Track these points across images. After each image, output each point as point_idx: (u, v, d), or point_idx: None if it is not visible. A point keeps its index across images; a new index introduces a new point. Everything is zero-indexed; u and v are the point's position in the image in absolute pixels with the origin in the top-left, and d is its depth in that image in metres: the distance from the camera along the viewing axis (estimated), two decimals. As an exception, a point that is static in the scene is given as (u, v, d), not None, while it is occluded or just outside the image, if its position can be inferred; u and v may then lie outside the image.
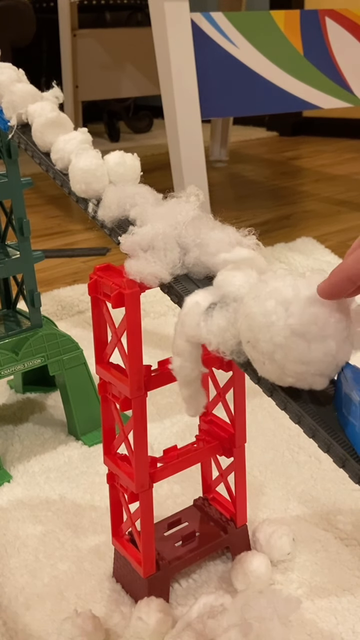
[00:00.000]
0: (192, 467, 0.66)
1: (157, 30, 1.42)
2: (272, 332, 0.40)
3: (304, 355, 0.40)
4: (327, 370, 0.41)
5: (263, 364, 0.42)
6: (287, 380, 0.41)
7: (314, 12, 1.67)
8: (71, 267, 1.62)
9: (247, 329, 0.42)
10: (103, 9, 3.08)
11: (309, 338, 0.40)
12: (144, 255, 0.52)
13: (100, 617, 0.63)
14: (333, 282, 0.40)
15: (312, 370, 0.40)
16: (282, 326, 0.40)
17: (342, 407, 0.40)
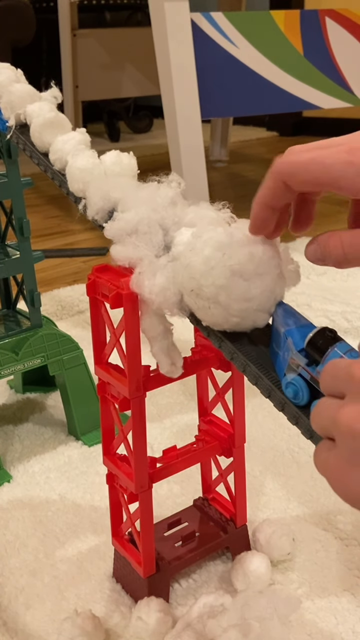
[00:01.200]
0: (191, 467, 0.66)
1: (157, 30, 1.42)
2: (214, 276, 0.43)
3: (246, 293, 0.43)
4: (267, 304, 0.45)
5: (208, 309, 0.44)
6: (233, 321, 0.44)
7: (314, 12, 1.67)
8: (71, 267, 1.62)
9: (189, 279, 0.45)
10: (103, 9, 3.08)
11: (247, 276, 0.44)
12: (130, 240, 0.52)
13: (100, 617, 0.63)
14: (254, 214, 0.43)
15: (254, 306, 0.44)
16: (222, 269, 0.43)
17: (273, 343, 0.44)
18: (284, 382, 0.42)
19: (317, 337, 0.40)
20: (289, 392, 0.41)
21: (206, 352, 0.63)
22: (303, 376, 0.41)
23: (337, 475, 0.32)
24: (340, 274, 1.48)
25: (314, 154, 0.39)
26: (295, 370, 0.41)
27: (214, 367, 0.64)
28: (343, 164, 0.38)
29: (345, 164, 0.38)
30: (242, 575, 0.66)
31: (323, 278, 1.47)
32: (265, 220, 0.43)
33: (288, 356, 0.42)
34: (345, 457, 0.31)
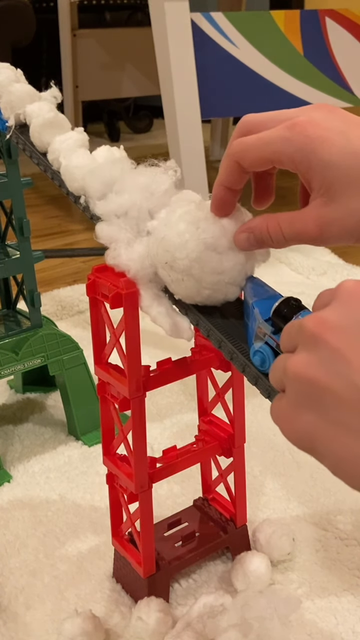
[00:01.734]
0: (191, 467, 0.66)
1: (157, 30, 1.42)
2: (188, 249, 0.45)
3: (218, 266, 0.45)
4: (238, 278, 0.46)
5: (182, 281, 0.46)
6: (205, 293, 0.46)
7: (314, 12, 1.67)
8: (71, 267, 1.62)
9: (163, 252, 0.46)
10: (103, 9, 3.08)
11: (220, 250, 0.45)
12: (117, 222, 0.52)
13: (100, 617, 0.63)
14: (214, 196, 0.45)
15: (225, 279, 0.46)
16: (195, 242, 0.45)
17: (245, 316, 0.46)
18: (251, 351, 0.43)
19: (282, 306, 0.41)
20: (256, 360, 0.43)
21: (206, 352, 0.63)
22: (269, 344, 0.42)
23: (286, 419, 0.33)
24: (340, 274, 1.48)
25: (261, 134, 0.41)
26: (262, 339, 0.42)
27: (213, 367, 0.64)
28: (283, 140, 0.39)
29: (285, 139, 0.39)
30: (242, 575, 0.66)
31: (323, 278, 1.47)
32: (225, 201, 0.45)
33: (255, 326, 0.43)
34: (292, 402, 0.33)
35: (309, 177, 0.40)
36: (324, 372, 0.31)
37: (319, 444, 0.31)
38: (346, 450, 0.30)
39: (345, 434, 0.30)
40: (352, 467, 0.30)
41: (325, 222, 0.40)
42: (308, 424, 0.32)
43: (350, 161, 0.38)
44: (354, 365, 0.30)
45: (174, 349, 1.14)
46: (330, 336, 0.31)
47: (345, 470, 0.31)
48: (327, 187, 0.39)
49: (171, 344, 1.17)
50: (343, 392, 0.30)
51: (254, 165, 0.42)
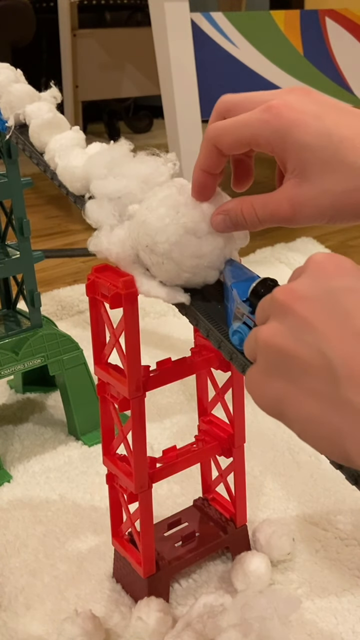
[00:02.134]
0: (191, 467, 0.66)
1: (157, 30, 1.42)
2: (168, 233, 0.46)
3: (197, 250, 0.46)
4: (217, 262, 0.47)
5: (162, 264, 0.47)
6: (184, 276, 0.47)
7: (314, 12, 1.67)
8: (71, 267, 1.62)
9: (144, 235, 0.47)
10: (103, 9, 3.07)
11: (200, 234, 0.46)
12: (108, 206, 0.52)
13: (100, 617, 0.63)
14: (194, 180, 0.46)
15: (205, 263, 0.47)
16: (175, 226, 0.46)
17: (225, 298, 0.46)
18: (230, 331, 0.44)
19: (259, 287, 0.42)
20: (234, 340, 0.44)
21: (206, 352, 0.63)
22: (247, 324, 0.43)
23: (257, 387, 0.34)
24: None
25: (238, 117, 0.42)
26: (240, 319, 0.43)
27: (213, 367, 0.64)
28: (259, 123, 0.40)
29: (261, 122, 0.40)
30: (242, 575, 0.66)
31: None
32: (205, 185, 0.46)
33: (234, 306, 0.44)
34: (263, 369, 0.34)
35: (284, 158, 0.41)
36: (292, 340, 0.32)
37: (288, 409, 0.32)
38: (313, 415, 0.31)
39: (312, 399, 0.31)
40: (318, 431, 0.31)
41: (298, 203, 0.41)
42: (277, 390, 0.33)
43: (324, 142, 0.39)
44: (320, 334, 0.31)
45: (174, 349, 1.14)
46: (299, 306, 0.32)
47: (311, 433, 0.32)
48: (301, 168, 0.40)
49: (171, 344, 1.17)
50: (310, 360, 0.31)
51: (231, 148, 0.43)
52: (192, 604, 0.62)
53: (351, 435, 0.30)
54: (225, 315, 0.47)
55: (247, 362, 0.42)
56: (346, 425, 0.30)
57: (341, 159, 0.39)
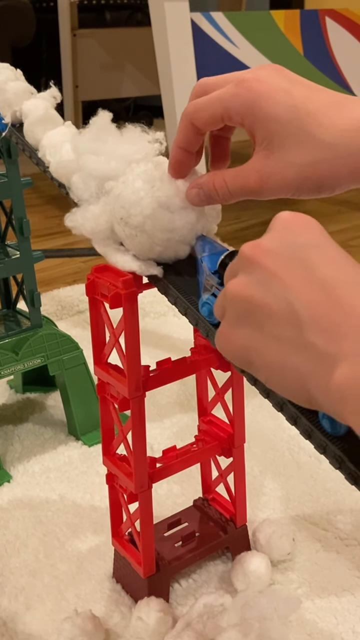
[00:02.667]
0: (191, 467, 0.66)
1: (157, 30, 1.42)
2: (142, 206, 0.47)
3: (170, 224, 0.48)
4: (188, 237, 0.49)
5: (135, 237, 0.49)
6: (156, 249, 0.49)
7: (314, 12, 1.67)
8: (71, 267, 1.62)
9: (119, 208, 0.48)
10: (103, 9, 3.08)
11: (173, 209, 0.47)
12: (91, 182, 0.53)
13: (100, 617, 0.63)
14: (171, 158, 0.47)
15: (176, 237, 0.48)
16: (149, 200, 0.47)
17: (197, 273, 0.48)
18: (200, 303, 0.46)
19: (228, 259, 0.43)
20: (204, 311, 0.45)
21: (206, 352, 0.63)
22: (216, 295, 0.44)
23: (225, 338, 0.35)
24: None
25: (212, 94, 0.43)
26: (209, 290, 0.45)
27: (213, 367, 0.64)
28: (231, 96, 0.42)
29: (233, 95, 0.42)
30: (242, 575, 0.66)
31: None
32: (183, 163, 0.47)
33: (204, 278, 0.46)
34: (231, 321, 0.35)
35: (254, 130, 0.42)
36: (259, 290, 0.33)
37: (255, 357, 0.33)
38: (278, 359, 0.32)
39: (278, 344, 0.32)
40: (283, 375, 0.32)
41: (265, 174, 0.42)
42: (245, 338, 0.34)
43: (291, 115, 0.41)
44: (286, 284, 0.32)
45: (174, 349, 1.14)
46: (265, 259, 0.33)
47: (277, 378, 0.33)
48: (269, 140, 0.42)
49: (171, 344, 1.17)
50: (276, 308, 0.32)
51: (207, 124, 0.44)
52: (192, 604, 0.62)
53: (313, 375, 0.30)
54: (198, 288, 0.48)
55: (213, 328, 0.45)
56: (309, 366, 0.31)
57: (307, 131, 0.41)
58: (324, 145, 0.41)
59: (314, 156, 0.41)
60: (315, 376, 0.30)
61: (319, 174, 0.41)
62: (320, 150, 0.41)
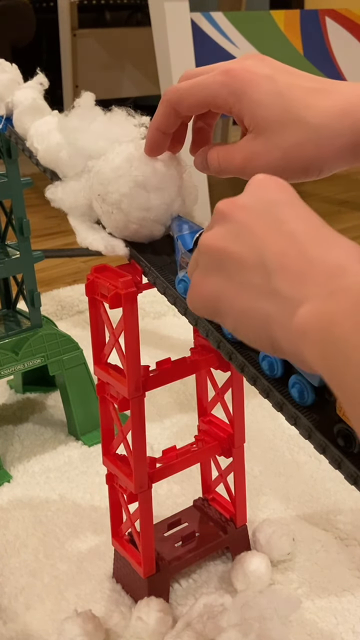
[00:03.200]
0: (191, 467, 0.66)
1: (157, 30, 1.42)
2: (119, 184, 0.49)
3: (145, 203, 0.49)
4: (164, 217, 0.50)
5: (111, 214, 0.50)
6: (132, 227, 0.50)
7: (314, 12, 1.67)
8: (71, 267, 1.62)
9: (98, 184, 0.50)
10: (103, 9, 3.08)
11: (149, 189, 0.49)
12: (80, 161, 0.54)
13: (100, 617, 0.63)
14: (148, 138, 0.48)
15: (151, 216, 0.50)
16: (127, 178, 0.48)
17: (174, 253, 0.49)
18: (176, 280, 0.47)
19: None
20: (179, 289, 0.47)
21: (205, 352, 0.63)
22: None
23: (194, 288, 0.37)
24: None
25: (197, 80, 0.44)
26: (184, 268, 0.47)
27: (213, 367, 0.64)
28: (218, 85, 0.44)
29: (219, 84, 0.43)
30: (242, 575, 0.66)
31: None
32: (158, 143, 0.49)
33: (179, 257, 0.47)
34: (202, 271, 0.37)
35: (241, 116, 0.44)
36: (231, 242, 0.35)
37: (223, 304, 0.35)
38: (245, 306, 0.34)
39: (246, 291, 0.34)
40: (249, 321, 0.34)
41: (250, 155, 0.44)
42: (215, 286, 0.35)
43: (276, 100, 0.43)
44: (257, 235, 0.34)
45: (174, 349, 1.14)
46: (239, 213, 0.35)
47: (243, 325, 0.34)
48: (255, 124, 0.43)
49: (171, 344, 1.17)
50: (247, 257, 0.34)
51: (191, 109, 0.46)
52: (192, 604, 0.62)
53: (278, 318, 0.32)
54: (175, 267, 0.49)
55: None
56: (274, 310, 0.32)
57: (292, 114, 0.42)
58: (309, 127, 0.42)
59: (299, 138, 0.42)
60: (280, 319, 0.32)
61: (305, 156, 0.43)
62: (306, 132, 0.42)
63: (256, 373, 0.43)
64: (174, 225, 0.50)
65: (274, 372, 0.42)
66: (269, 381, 0.43)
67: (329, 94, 0.43)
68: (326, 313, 0.29)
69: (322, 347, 0.29)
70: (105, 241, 0.52)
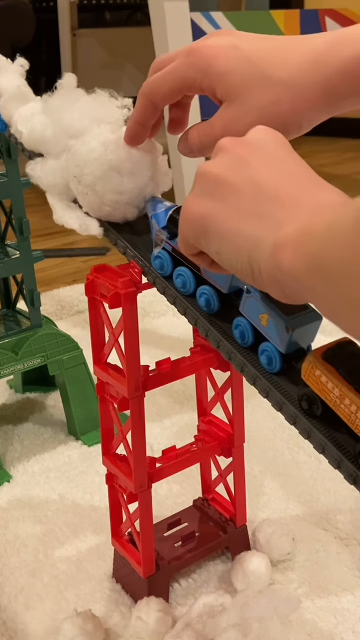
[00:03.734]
0: (192, 467, 0.66)
1: (157, 30, 1.42)
2: (94, 167, 0.50)
3: (119, 186, 0.50)
4: (137, 201, 0.52)
5: (86, 195, 0.51)
6: (106, 209, 0.51)
7: (314, 12, 1.67)
8: (71, 267, 1.62)
9: (74, 166, 0.51)
10: (103, 9, 3.08)
11: (123, 173, 0.50)
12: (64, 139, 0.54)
13: (100, 617, 0.63)
14: (128, 129, 0.50)
15: (124, 199, 0.51)
16: (102, 162, 0.50)
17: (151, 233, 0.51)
18: (152, 257, 0.50)
19: (176, 214, 0.46)
20: (156, 265, 0.50)
21: (205, 352, 0.63)
22: (166, 249, 0.48)
23: (188, 209, 0.38)
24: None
25: (166, 69, 0.45)
26: (159, 245, 0.49)
27: (213, 367, 0.64)
28: (184, 68, 0.44)
29: (186, 66, 0.44)
30: (242, 575, 0.66)
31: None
32: (138, 135, 0.50)
33: (154, 235, 0.49)
34: (197, 194, 0.38)
35: (214, 90, 0.44)
36: (228, 170, 0.36)
37: (212, 224, 0.36)
38: (234, 228, 0.35)
39: (238, 214, 0.35)
40: (235, 243, 0.35)
41: (228, 123, 0.44)
42: (206, 207, 0.37)
43: (244, 66, 0.43)
44: (256, 168, 0.35)
45: (174, 349, 1.14)
46: (240, 148, 0.37)
47: (229, 247, 0.35)
48: (227, 93, 0.44)
49: (171, 344, 1.17)
50: (243, 185, 0.35)
51: (166, 99, 0.47)
52: (192, 604, 0.62)
53: (263, 241, 0.33)
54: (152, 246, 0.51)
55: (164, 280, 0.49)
56: (261, 233, 0.34)
57: (263, 75, 0.43)
58: (282, 83, 0.43)
59: (273, 96, 0.43)
60: (265, 241, 0.33)
61: (282, 113, 0.43)
62: (279, 89, 0.43)
63: (256, 373, 0.43)
64: (149, 206, 0.52)
65: (245, 341, 0.44)
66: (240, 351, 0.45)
67: (296, 50, 0.43)
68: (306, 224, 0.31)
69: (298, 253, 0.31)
70: (80, 220, 0.53)
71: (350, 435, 0.38)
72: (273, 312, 0.42)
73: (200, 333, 0.49)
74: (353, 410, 0.36)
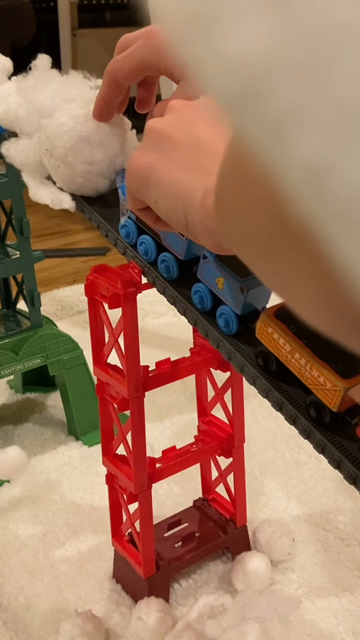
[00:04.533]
0: (191, 467, 0.66)
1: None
2: (65, 139, 0.51)
3: (89, 157, 0.52)
4: (108, 171, 0.53)
5: (59, 167, 0.53)
6: (78, 181, 0.53)
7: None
8: (71, 267, 1.62)
9: (45, 139, 0.53)
10: (103, 9, 3.08)
11: (92, 144, 0.52)
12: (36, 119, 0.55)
13: (100, 617, 0.63)
14: (96, 106, 0.51)
15: (95, 169, 0.53)
16: (71, 133, 0.51)
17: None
18: (119, 226, 0.51)
19: None
20: (122, 233, 0.51)
21: (205, 353, 0.63)
22: (131, 218, 0.50)
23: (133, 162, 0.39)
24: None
25: (128, 50, 0.47)
26: (125, 214, 0.50)
27: (213, 367, 0.64)
28: (143, 49, 0.46)
29: (144, 48, 0.46)
30: (242, 576, 0.66)
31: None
32: (105, 111, 0.52)
33: (121, 204, 0.50)
34: (142, 147, 0.39)
35: (171, 71, 0.46)
36: (172, 126, 0.38)
37: (153, 175, 0.38)
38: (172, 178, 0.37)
39: (177, 165, 0.37)
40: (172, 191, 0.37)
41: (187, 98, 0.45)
42: (150, 159, 0.38)
43: None
44: (198, 126, 0.37)
45: (173, 349, 1.14)
46: (186, 109, 0.39)
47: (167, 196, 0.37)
48: (182, 73, 0.46)
49: (171, 344, 1.17)
50: (184, 140, 0.37)
51: (128, 78, 0.48)
52: (192, 604, 0.62)
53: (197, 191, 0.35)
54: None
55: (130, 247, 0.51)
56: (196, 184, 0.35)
57: None
58: None
59: None
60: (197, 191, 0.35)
61: None
62: None
63: (256, 373, 0.43)
64: (118, 178, 0.53)
65: (204, 306, 0.46)
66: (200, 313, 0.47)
67: None
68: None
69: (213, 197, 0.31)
70: (52, 195, 0.55)
71: (302, 389, 0.40)
72: (228, 275, 0.43)
73: (200, 333, 0.49)
74: (302, 363, 0.38)
